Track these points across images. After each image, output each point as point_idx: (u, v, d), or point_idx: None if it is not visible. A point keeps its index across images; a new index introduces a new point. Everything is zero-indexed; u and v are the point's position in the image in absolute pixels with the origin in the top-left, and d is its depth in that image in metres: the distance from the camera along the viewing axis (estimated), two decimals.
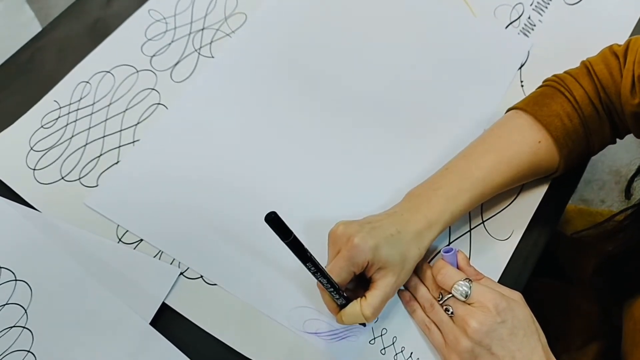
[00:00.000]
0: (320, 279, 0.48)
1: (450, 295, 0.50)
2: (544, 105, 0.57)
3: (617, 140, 0.61)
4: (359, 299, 0.50)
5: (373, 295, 0.49)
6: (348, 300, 0.51)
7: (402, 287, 0.56)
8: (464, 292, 0.49)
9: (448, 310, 0.50)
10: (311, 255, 0.47)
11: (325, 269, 0.48)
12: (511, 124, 0.58)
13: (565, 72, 0.59)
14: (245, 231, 0.59)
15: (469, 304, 0.49)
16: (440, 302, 0.52)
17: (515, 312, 0.49)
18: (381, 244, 0.49)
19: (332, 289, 0.49)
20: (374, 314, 0.50)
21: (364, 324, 0.54)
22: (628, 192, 0.61)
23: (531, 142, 0.56)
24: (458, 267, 0.52)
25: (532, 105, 0.57)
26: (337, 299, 0.50)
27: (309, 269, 0.47)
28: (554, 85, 0.58)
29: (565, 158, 0.57)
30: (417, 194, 0.55)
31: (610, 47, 0.57)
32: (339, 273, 0.49)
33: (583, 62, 0.58)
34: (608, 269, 0.63)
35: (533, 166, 0.57)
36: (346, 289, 0.52)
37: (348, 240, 0.49)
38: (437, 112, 0.66)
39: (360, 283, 0.53)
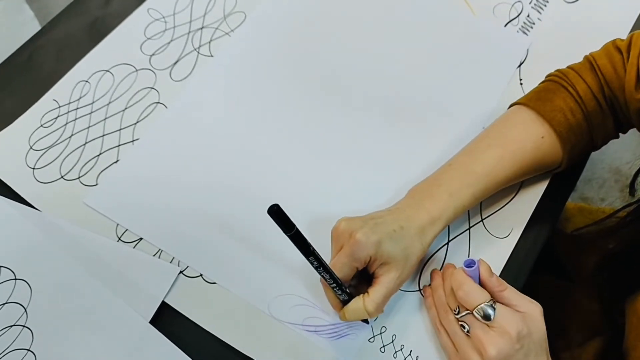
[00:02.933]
0: (322, 274, 0.48)
1: (469, 312, 0.48)
2: (547, 100, 0.57)
3: (619, 136, 0.60)
4: (361, 295, 0.50)
5: (376, 291, 0.49)
6: (351, 297, 0.51)
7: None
8: (487, 316, 0.47)
9: (464, 327, 0.49)
10: (314, 249, 0.47)
11: (328, 265, 0.48)
12: (514, 119, 0.58)
13: (568, 67, 0.59)
14: (245, 229, 0.59)
15: (489, 327, 0.47)
16: (457, 315, 0.50)
17: (533, 337, 0.47)
18: (384, 240, 0.49)
19: (334, 285, 0.49)
20: (377, 309, 0.49)
21: (366, 321, 0.54)
22: (632, 188, 0.60)
23: (534, 137, 0.56)
24: (480, 280, 0.50)
25: (535, 101, 0.57)
26: (340, 294, 0.50)
27: (312, 264, 0.47)
28: (556, 80, 0.58)
29: (568, 153, 0.57)
30: (420, 190, 0.55)
31: (614, 42, 0.57)
32: (341, 268, 0.49)
33: (586, 57, 0.58)
34: (610, 265, 0.63)
35: (536, 161, 0.57)
36: (349, 285, 0.52)
37: (350, 236, 0.49)
38: (437, 110, 0.66)
39: (363, 279, 0.52)
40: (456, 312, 0.50)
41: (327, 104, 0.67)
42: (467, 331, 0.48)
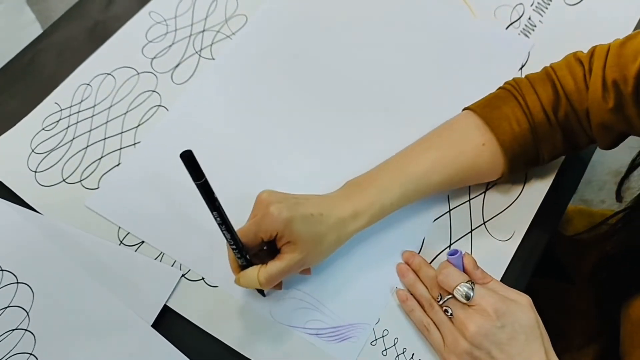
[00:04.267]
0: (224, 232, 0.48)
1: (451, 296, 0.50)
2: (495, 108, 0.56)
3: (571, 153, 0.60)
4: (259, 265, 0.50)
5: (273, 265, 0.49)
6: (250, 263, 0.51)
7: (400, 287, 0.56)
8: (465, 294, 0.49)
9: (447, 312, 0.51)
10: (220, 205, 0.47)
11: (232, 226, 0.48)
12: (459, 124, 0.58)
13: (525, 76, 0.58)
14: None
15: (469, 306, 0.49)
16: (440, 302, 0.52)
17: (517, 316, 0.48)
18: (296, 220, 0.49)
19: (234, 246, 0.49)
20: (268, 282, 0.49)
21: (262, 292, 0.55)
22: (619, 195, 0.60)
23: (475, 144, 0.56)
24: (464, 270, 0.52)
25: (482, 107, 0.57)
26: (239, 258, 0.50)
27: (215, 219, 0.47)
28: (509, 89, 0.57)
29: (510, 162, 0.56)
30: (354, 183, 0.55)
31: (575, 54, 0.56)
32: (246, 233, 0.50)
33: (545, 68, 0.58)
34: (606, 270, 0.63)
35: (475, 168, 0.56)
36: (255, 255, 0.52)
37: (265, 207, 0.49)
38: (438, 113, 0.66)
39: (271, 253, 0.52)
40: (439, 300, 0.52)
41: (328, 107, 0.67)
42: (451, 314, 0.50)
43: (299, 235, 0.49)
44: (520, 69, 0.69)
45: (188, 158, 0.43)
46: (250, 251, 0.51)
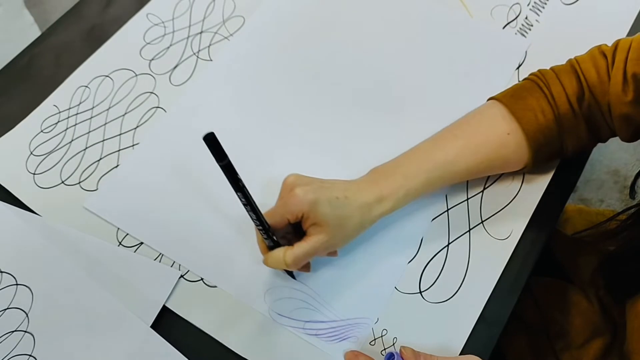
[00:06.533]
0: (250, 212, 0.49)
1: None
2: (520, 98, 0.57)
3: (594, 146, 0.60)
4: (286, 246, 0.51)
5: (300, 246, 0.50)
6: (277, 244, 0.52)
7: (398, 287, 0.56)
8: None
9: None
10: (244, 185, 0.47)
11: (257, 206, 0.49)
12: (485, 113, 0.58)
13: (550, 68, 0.58)
14: (246, 234, 0.59)
15: None
16: None
17: None
18: (321, 202, 0.50)
19: (260, 227, 0.50)
20: (295, 263, 0.50)
21: (291, 275, 0.56)
22: (633, 190, 0.60)
23: (500, 133, 0.56)
24: None
25: (508, 97, 0.57)
26: (266, 239, 0.51)
27: (240, 200, 0.48)
28: (534, 80, 0.58)
29: (535, 153, 0.56)
30: (380, 169, 0.56)
31: (599, 47, 0.57)
32: (272, 215, 0.51)
33: (570, 60, 0.58)
34: (610, 268, 0.63)
35: (500, 157, 0.57)
36: (283, 237, 0.53)
37: (291, 189, 0.50)
38: (435, 113, 0.66)
39: (298, 236, 0.52)
40: None
41: (325, 107, 0.67)
42: None
43: (324, 217, 0.50)
44: (517, 68, 0.69)
45: (211, 140, 0.44)
46: (278, 233, 0.51)
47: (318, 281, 0.57)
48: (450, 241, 0.59)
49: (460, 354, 0.54)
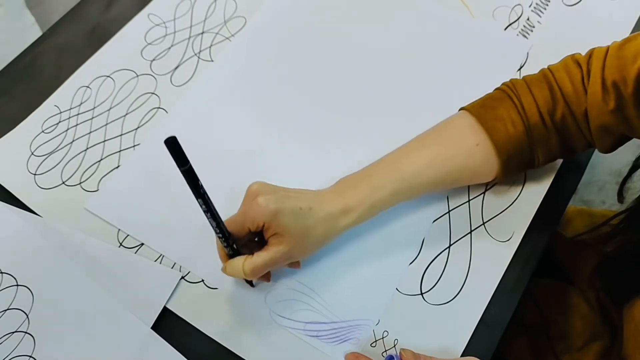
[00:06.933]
0: (210, 219, 0.48)
1: None
2: (490, 109, 0.56)
3: (568, 157, 0.59)
4: (246, 255, 0.50)
5: (259, 256, 0.50)
6: (236, 252, 0.51)
7: (399, 288, 0.56)
8: None
9: None
10: (205, 192, 0.47)
11: (217, 213, 0.48)
12: (453, 123, 0.57)
13: (522, 78, 0.57)
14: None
15: None
16: None
17: None
18: (284, 212, 0.49)
19: (220, 234, 0.49)
20: (253, 272, 0.50)
21: (250, 283, 0.56)
22: (621, 195, 0.60)
23: (469, 144, 0.55)
24: None
25: (478, 107, 0.56)
26: (226, 247, 0.51)
27: (200, 206, 0.47)
28: (505, 90, 0.57)
29: (504, 164, 0.55)
30: (347, 180, 0.55)
31: (572, 56, 0.56)
32: (233, 223, 0.50)
33: (542, 70, 0.57)
34: (607, 270, 0.63)
35: (469, 168, 0.56)
36: (245, 246, 0.52)
37: (254, 197, 0.50)
38: (436, 114, 0.66)
39: (260, 245, 0.52)
40: None
41: (326, 108, 0.67)
42: None
43: (285, 227, 0.49)
44: (519, 69, 0.69)
45: (172, 144, 0.43)
46: (240, 241, 0.51)
47: (319, 282, 0.57)
48: (451, 243, 0.59)
49: (461, 356, 0.53)
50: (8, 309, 0.55)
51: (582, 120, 0.54)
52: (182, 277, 0.57)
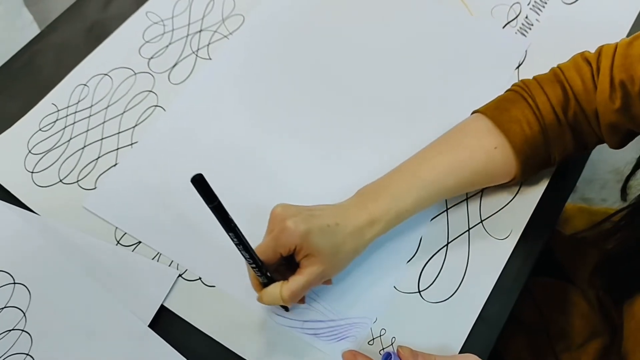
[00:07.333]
0: (242, 252, 0.48)
1: None
2: (504, 110, 0.55)
3: (581, 154, 0.59)
4: (281, 281, 0.50)
5: (295, 280, 0.49)
6: (271, 280, 0.50)
7: (397, 287, 0.56)
8: None
9: None
10: (235, 225, 0.46)
11: (249, 244, 0.48)
12: (470, 127, 0.57)
13: (533, 77, 0.57)
14: (245, 232, 0.59)
15: None
16: None
17: None
18: (313, 232, 0.48)
19: (254, 265, 0.49)
20: (292, 298, 0.49)
21: (285, 308, 0.55)
22: (624, 193, 0.60)
23: (487, 147, 0.55)
24: None
25: (492, 110, 0.56)
26: (260, 276, 0.50)
27: (232, 240, 0.47)
28: (517, 91, 0.57)
29: (523, 165, 0.55)
30: (367, 191, 0.55)
31: (582, 54, 0.56)
32: (264, 250, 0.49)
33: (553, 69, 0.57)
34: (607, 268, 0.63)
35: (488, 172, 0.56)
36: (274, 270, 0.51)
37: (281, 221, 0.49)
38: (434, 112, 0.66)
39: (291, 267, 0.52)
40: None
41: (325, 106, 0.67)
42: None
43: (317, 247, 0.49)
44: (517, 67, 0.68)
45: (199, 182, 0.42)
46: (270, 267, 0.50)
47: (317, 290, 0.57)
48: (449, 241, 0.59)
49: (459, 354, 0.53)
50: (5, 307, 0.55)
51: (593, 117, 0.54)
52: (180, 275, 0.57)
